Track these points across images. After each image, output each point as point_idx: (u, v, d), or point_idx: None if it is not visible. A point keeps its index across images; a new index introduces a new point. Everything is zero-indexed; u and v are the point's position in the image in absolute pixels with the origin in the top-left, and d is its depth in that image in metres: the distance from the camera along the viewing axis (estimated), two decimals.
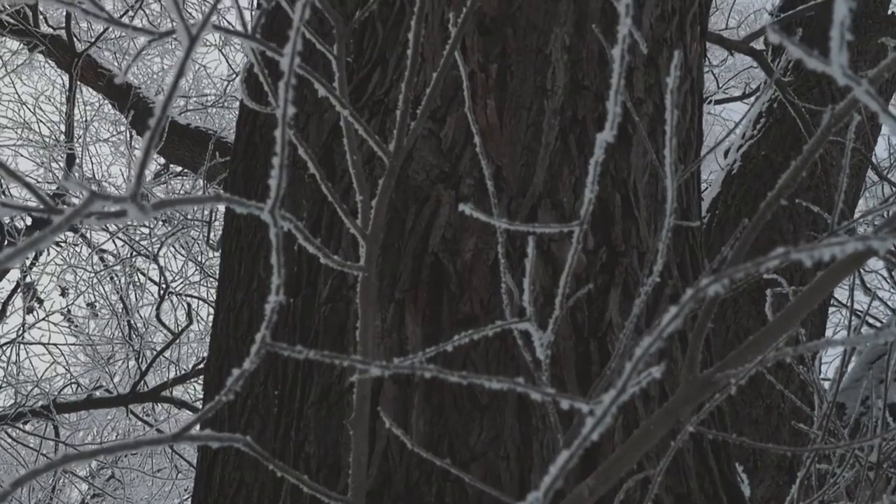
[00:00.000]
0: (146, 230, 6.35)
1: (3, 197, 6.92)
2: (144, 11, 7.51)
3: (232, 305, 3.21)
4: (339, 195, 1.75)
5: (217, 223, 6.05)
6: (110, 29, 7.86)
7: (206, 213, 5.98)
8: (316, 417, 1.56)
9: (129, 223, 6.98)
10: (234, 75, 7.57)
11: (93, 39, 7.63)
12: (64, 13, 7.61)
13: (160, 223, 6.74)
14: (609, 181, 1.61)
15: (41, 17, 7.49)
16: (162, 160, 7.59)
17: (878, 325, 4.70)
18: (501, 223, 1.06)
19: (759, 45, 4.65)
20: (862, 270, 5.14)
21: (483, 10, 1.75)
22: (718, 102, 8.54)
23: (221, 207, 6.06)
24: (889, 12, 4.84)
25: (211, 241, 5.01)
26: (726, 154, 4.64)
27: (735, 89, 8.88)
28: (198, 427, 0.97)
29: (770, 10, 4.94)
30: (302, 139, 3.11)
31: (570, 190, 1.59)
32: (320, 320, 1.65)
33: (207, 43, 7.18)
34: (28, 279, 6.96)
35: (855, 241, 0.61)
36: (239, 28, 1.24)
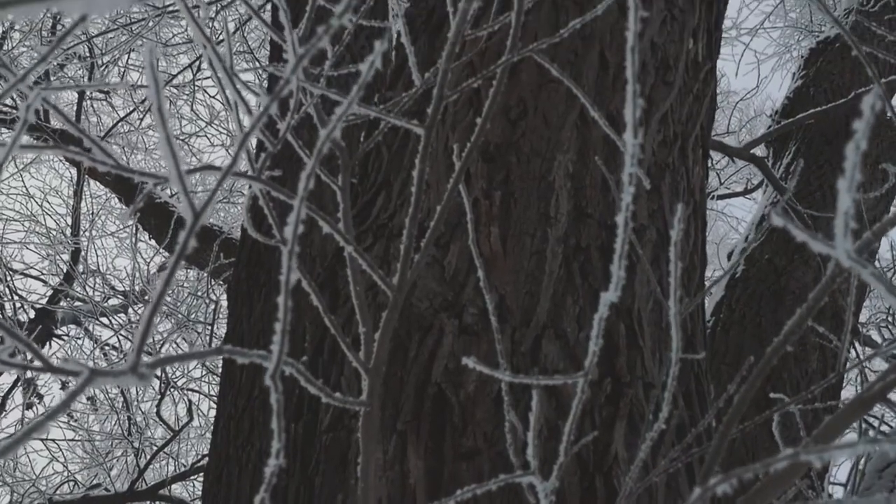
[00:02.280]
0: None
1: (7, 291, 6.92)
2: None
3: (233, 413, 3.18)
4: (342, 320, 1.74)
5: (221, 316, 6.04)
6: (120, 124, 7.98)
7: (208, 313, 5.96)
8: None
9: (131, 322, 6.90)
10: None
11: (102, 134, 7.74)
12: (74, 107, 7.74)
13: (164, 318, 6.72)
14: (613, 310, 1.60)
15: (51, 111, 7.59)
16: (167, 253, 7.62)
17: (888, 428, 4.63)
18: (505, 376, 1.05)
19: (759, 150, 4.70)
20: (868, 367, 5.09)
21: (486, 138, 1.76)
22: (720, 198, 8.60)
23: (224, 304, 6.06)
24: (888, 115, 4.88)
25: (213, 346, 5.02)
26: (729, 256, 4.64)
27: (737, 184, 8.95)
28: None
29: (770, 113, 5.00)
30: (306, 244, 3.07)
31: (573, 320, 1.58)
32: (321, 448, 1.63)
33: (214, 143, 7.26)
34: (29, 374, 6.91)
35: (865, 444, 0.60)
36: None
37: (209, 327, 5.77)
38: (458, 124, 1.81)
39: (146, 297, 6.98)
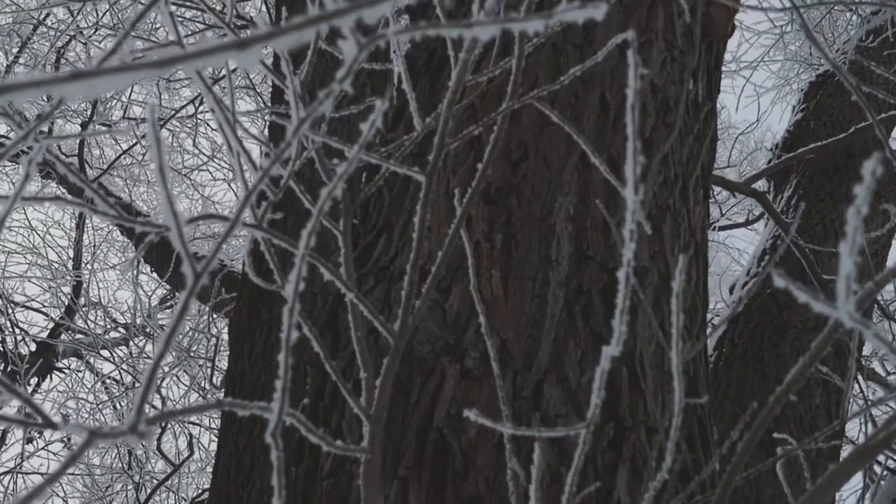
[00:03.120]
0: (150, 360, 6.31)
1: (8, 324, 6.92)
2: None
3: (234, 451, 3.17)
4: (343, 363, 1.73)
5: (222, 349, 6.02)
6: (122, 157, 8.00)
7: (210, 348, 5.96)
8: None
9: (132, 355, 6.87)
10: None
11: (105, 166, 7.77)
12: (77, 140, 7.76)
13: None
14: None
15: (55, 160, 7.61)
16: (168, 286, 7.62)
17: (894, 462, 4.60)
18: (507, 427, 1.05)
19: (760, 183, 4.71)
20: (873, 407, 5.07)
21: (488, 180, 1.76)
22: (722, 229, 8.60)
23: (225, 338, 6.05)
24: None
25: (214, 382, 5.01)
26: (731, 290, 4.64)
27: (738, 216, 8.96)
28: None
29: (770, 146, 5.01)
30: (308, 282, 3.08)
31: (575, 364, 1.57)
32: (322, 494, 1.62)
33: (216, 178, 7.29)
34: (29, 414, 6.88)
35: None
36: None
37: (210, 362, 5.76)
38: (459, 167, 1.81)
39: (147, 330, 6.97)
